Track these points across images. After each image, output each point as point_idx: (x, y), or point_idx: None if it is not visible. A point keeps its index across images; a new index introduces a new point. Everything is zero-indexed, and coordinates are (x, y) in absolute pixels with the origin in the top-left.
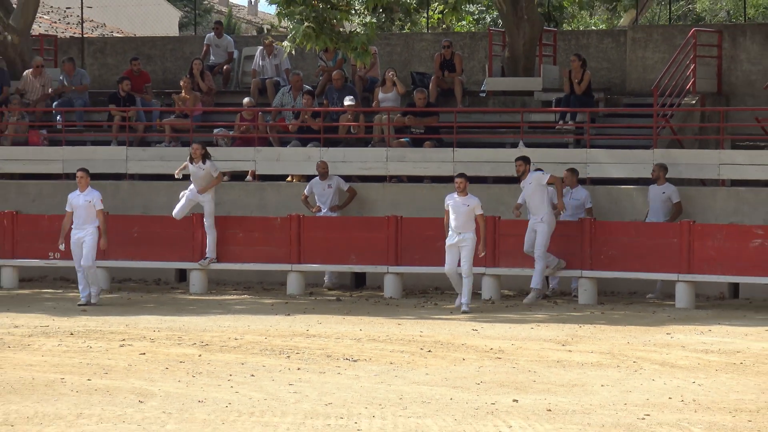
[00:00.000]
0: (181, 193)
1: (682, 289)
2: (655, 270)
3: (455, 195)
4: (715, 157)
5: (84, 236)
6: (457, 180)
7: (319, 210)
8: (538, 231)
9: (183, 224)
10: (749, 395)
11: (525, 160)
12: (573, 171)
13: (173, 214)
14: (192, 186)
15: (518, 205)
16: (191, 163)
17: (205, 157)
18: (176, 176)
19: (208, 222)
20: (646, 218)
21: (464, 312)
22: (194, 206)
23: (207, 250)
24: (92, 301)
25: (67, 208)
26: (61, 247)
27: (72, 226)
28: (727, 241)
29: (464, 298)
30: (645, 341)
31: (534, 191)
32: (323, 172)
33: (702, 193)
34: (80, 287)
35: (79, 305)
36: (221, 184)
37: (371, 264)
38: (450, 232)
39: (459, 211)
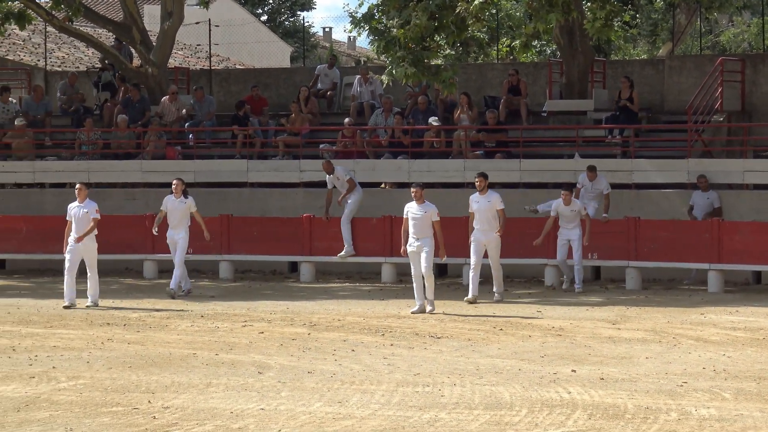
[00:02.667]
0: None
1: (713, 276)
2: (690, 260)
3: (414, 204)
4: (740, 165)
5: (81, 244)
6: (413, 189)
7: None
8: (493, 246)
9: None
10: None
11: (484, 176)
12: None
13: (176, 262)
14: (168, 232)
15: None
16: (173, 198)
17: (185, 192)
18: (154, 233)
19: (179, 258)
20: (691, 217)
21: (430, 312)
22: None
23: (172, 282)
24: (98, 301)
25: (67, 218)
26: (66, 254)
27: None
28: (750, 235)
29: (429, 295)
30: (682, 320)
31: (491, 208)
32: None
33: (729, 195)
34: (65, 289)
35: (65, 307)
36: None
37: (452, 257)
38: (410, 239)
39: (417, 218)
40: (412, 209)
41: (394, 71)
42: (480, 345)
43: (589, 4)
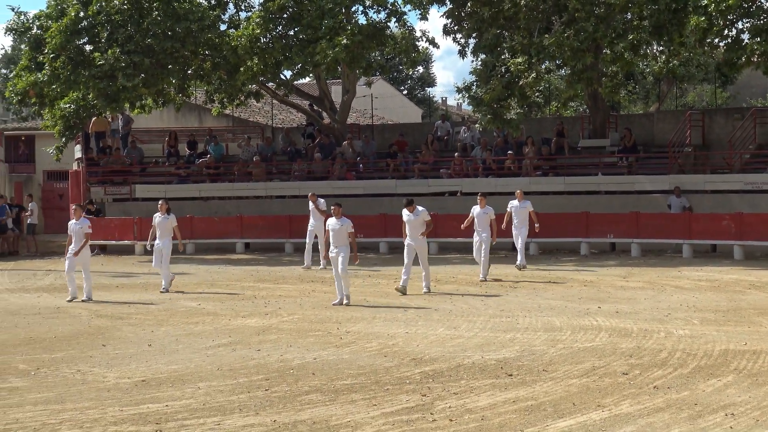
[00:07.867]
0: (149, 246)
1: (686, 248)
2: (672, 237)
3: (333, 219)
4: (702, 179)
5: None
6: (333, 207)
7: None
8: (421, 250)
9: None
10: (723, 303)
11: (411, 202)
12: (521, 191)
13: (153, 265)
14: (156, 241)
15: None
16: (159, 215)
17: (169, 210)
18: (147, 248)
19: (165, 262)
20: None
21: (346, 304)
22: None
23: (164, 282)
24: (91, 296)
25: (69, 233)
26: (66, 262)
27: (71, 245)
28: (709, 222)
29: (345, 291)
30: (667, 275)
31: (419, 221)
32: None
33: (695, 197)
34: (70, 288)
35: (68, 300)
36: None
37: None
38: (331, 247)
39: (335, 230)
40: (331, 223)
41: (482, 122)
42: (540, 292)
43: (604, 78)
